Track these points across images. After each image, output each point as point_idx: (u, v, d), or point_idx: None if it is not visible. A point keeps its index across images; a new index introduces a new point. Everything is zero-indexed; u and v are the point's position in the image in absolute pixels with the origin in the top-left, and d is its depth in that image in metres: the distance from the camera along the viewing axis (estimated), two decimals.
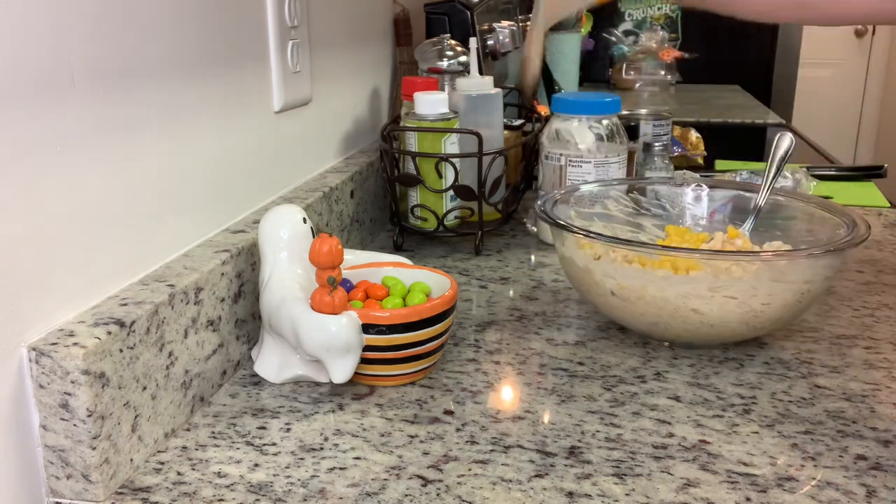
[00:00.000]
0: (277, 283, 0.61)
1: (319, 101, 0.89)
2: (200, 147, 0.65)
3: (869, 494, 0.50)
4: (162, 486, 0.51)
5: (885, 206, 1.15)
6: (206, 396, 0.61)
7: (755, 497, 0.49)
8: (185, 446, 0.55)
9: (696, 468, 0.52)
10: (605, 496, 0.50)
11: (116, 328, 0.49)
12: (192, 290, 0.58)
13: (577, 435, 0.56)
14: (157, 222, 0.59)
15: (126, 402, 0.51)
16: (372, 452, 0.54)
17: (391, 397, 0.62)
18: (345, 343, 0.58)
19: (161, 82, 0.59)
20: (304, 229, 0.63)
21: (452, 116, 0.91)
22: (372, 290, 0.66)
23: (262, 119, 0.76)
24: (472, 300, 0.80)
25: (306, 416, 0.59)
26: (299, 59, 0.81)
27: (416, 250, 0.94)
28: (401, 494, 0.50)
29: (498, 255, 0.93)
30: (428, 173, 0.90)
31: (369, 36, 1.07)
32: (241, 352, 0.66)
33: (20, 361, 0.47)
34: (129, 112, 0.55)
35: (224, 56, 0.68)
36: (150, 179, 0.58)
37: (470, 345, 0.70)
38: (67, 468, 0.49)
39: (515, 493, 0.50)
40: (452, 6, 1.23)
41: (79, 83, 0.50)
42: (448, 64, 1.06)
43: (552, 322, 0.75)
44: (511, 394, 0.62)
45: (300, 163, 0.85)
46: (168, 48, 0.59)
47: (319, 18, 0.87)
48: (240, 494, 0.50)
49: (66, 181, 0.50)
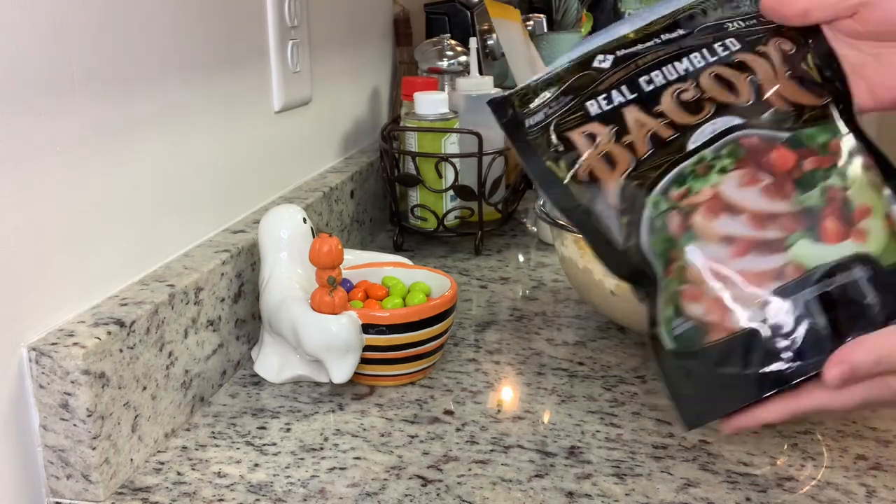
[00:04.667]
0: (277, 283, 0.61)
1: (319, 101, 0.89)
2: (200, 147, 0.65)
3: (869, 494, 0.50)
4: (162, 486, 0.51)
5: None
6: (206, 396, 0.61)
7: (755, 497, 0.49)
8: (185, 446, 0.55)
9: (696, 468, 0.52)
10: (605, 496, 0.50)
11: (116, 328, 0.49)
12: (192, 290, 0.58)
13: (577, 435, 0.56)
14: (157, 222, 0.59)
15: (126, 402, 0.51)
16: (372, 452, 0.54)
17: (391, 397, 0.62)
18: (345, 343, 0.58)
19: (161, 82, 0.59)
20: (304, 229, 0.63)
21: (452, 116, 0.91)
22: (372, 290, 0.66)
23: (262, 119, 0.76)
24: (472, 300, 0.80)
25: (306, 416, 0.59)
26: (299, 59, 0.81)
27: (416, 250, 0.94)
28: (401, 494, 0.50)
29: (498, 255, 0.93)
30: (428, 173, 0.90)
31: (369, 36, 1.07)
32: (241, 352, 0.66)
33: (20, 361, 0.47)
34: (129, 112, 0.55)
35: (224, 56, 0.68)
36: (150, 179, 0.58)
37: (470, 345, 0.70)
38: (67, 468, 0.49)
39: (515, 493, 0.50)
40: (452, 6, 1.23)
41: (79, 83, 0.50)
42: (448, 64, 1.06)
43: (552, 322, 0.75)
44: (511, 394, 0.62)
45: (300, 163, 0.85)
46: (168, 48, 0.59)
47: (319, 18, 0.87)
48: (240, 494, 0.50)
49: (66, 181, 0.50)
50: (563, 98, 0.55)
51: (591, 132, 0.53)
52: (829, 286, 0.47)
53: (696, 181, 0.51)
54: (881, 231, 0.47)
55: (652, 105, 0.53)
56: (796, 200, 0.49)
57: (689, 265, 0.50)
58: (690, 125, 0.52)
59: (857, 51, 0.52)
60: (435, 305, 0.62)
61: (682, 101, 0.53)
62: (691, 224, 0.50)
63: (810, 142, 0.50)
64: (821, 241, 0.48)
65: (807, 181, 0.49)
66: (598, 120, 0.54)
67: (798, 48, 0.53)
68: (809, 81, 0.53)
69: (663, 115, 0.52)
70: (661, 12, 0.56)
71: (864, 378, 0.44)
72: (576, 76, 0.55)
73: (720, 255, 0.49)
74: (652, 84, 0.53)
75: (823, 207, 0.48)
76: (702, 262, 0.49)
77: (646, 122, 0.52)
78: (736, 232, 0.49)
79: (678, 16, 0.55)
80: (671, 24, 0.55)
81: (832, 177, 0.49)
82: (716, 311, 0.48)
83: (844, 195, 0.48)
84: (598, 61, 0.55)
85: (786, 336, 0.47)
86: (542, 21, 1.32)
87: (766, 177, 0.49)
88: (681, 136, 0.52)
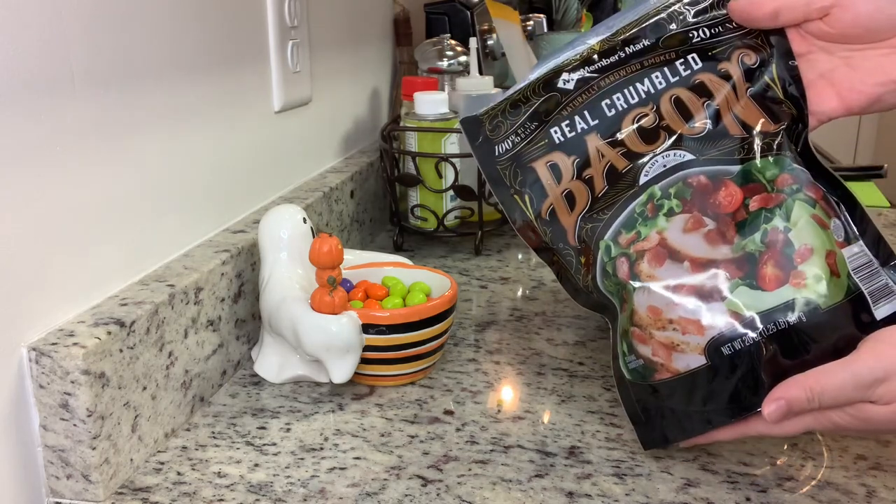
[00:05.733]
0: (277, 283, 0.61)
1: (319, 101, 0.89)
2: (200, 147, 0.65)
3: (869, 494, 0.50)
4: (162, 486, 0.51)
5: (886, 206, 1.15)
6: (206, 396, 0.61)
7: (755, 497, 0.49)
8: (185, 446, 0.55)
9: (696, 468, 0.52)
10: (605, 496, 0.50)
11: (116, 328, 0.49)
12: (192, 290, 0.58)
13: (577, 435, 0.56)
14: (157, 222, 0.59)
15: (126, 402, 0.51)
16: (372, 452, 0.54)
17: (391, 397, 0.62)
18: (345, 343, 0.58)
19: (161, 82, 0.59)
20: (304, 229, 0.63)
21: (452, 116, 0.91)
22: (372, 290, 0.66)
23: (262, 119, 0.76)
24: (472, 300, 0.80)
25: (306, 416, 0.59)
26: (299, 59, 0.81)
27: (416, 250, 0.94)
28: (401, 494, 0.50)
29: (498, 255, 0.93)
30: (428, 173, 0.90)
31: (369, 36, 1.07)
32: (241, 352, 0.66)
33: (20, 361, 0.47)
34: (128, 112, 0.55)
35: (224, 56, 0.68)
36: (150, 179, 0.58)
37: (470, 345, 0.70)
38: (67, 468, 0.49)
39: (515, 493, 0.50)
40: (452, 6, 1.23)
41: (79, 83, 0.50)
42: (448, 64, 1.06)
43: (552, 322, 0.75)
44: (511, 394, 0.62)
45: (300, 163, 0.85)
46: (168, 48, 0.59)
47: (319, 18, 0.87)
48: (240, 494, 0.50)
49: (66, 181, 0.50)
50: (529, 124, 0.56)
51: (554, 162, 0.55)
52: (766, 332, 0.48)
53: (644, 225, 0.52)
54: (821, 272, 0.49)
55: (613, 131, 0.55)
56: (737, 246, 0.50)
57: (637, 310, 0.52)
58: (645, 153, 0.53)
59: (827, 54, 0.52)
60: (435, 305, 0.62)
61: (640, 129, 0.54)
62: (639, 272, 0.52)
63: (759, 175, 0.51)
64: (759, 287, 0.49)
65: (750, 224, 0.50)
66: (561, 149, 0.55)
67: (761, 62, 0.53)
68: (770, 99, 0.53)
69: (622, 143, 0.54)
70: (629, 18, 0.56)
71: (801, 413, 0.46)
72: (542, 98, 0.56)
73: (663, 302, 0.51)
74: (613, 108, 0.55)
75: (763, 252, 0.49)
76: (647, 309, 0.51)
77: (605, 153, 0.54)
78: (678, 279, 0.50)
79: (644, 22, 0.55)
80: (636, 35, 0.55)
81: (775, 218, 0.50)
82: (661, 353, 0.51)
83: (786, 237, 0.49)
84: (562, 81, 0.56)
85: (726, 377, 0.49)
86: (542, 21, 1.32)
87: (709, 221, 0.51)
88: (634, 166, 0.53)
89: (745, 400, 0.48)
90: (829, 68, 0.52)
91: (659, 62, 0.54)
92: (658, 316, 0.50)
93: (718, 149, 0.52)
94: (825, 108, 0.52)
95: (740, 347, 0.48)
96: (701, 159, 0.52)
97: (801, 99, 0.52)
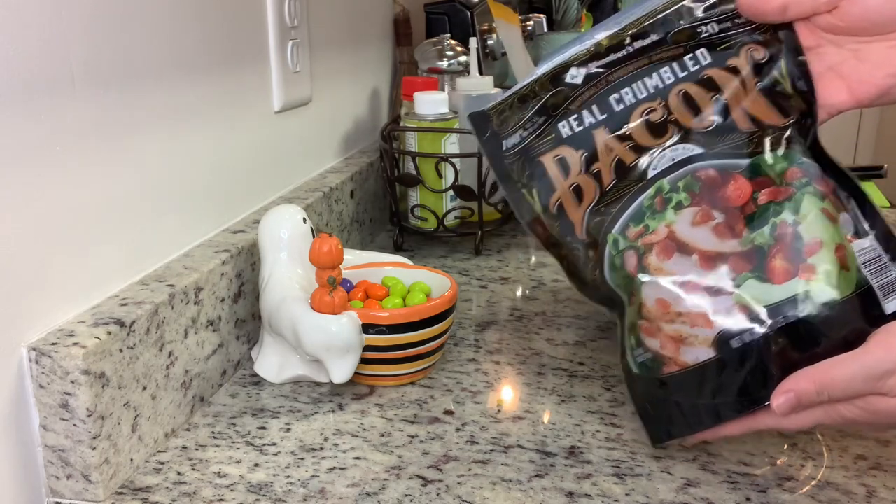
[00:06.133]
0: (277, 283, 0.61)
1: (319, 101, 0.89)
2: (200, 147, 0.65)
3: (869, 494, 0.50)
4: (162, 486, 0.51)
5: (886, 206, 1.15)
6: (206, 396, 0.61)
7: (755, 497, 0.49)
8: (185, 446, 0.55)
9: (696, 468, 0.52)
10: (605, 496, 0.50)
11: (116, 328, 0.49)
12: (192, 290, 0.58)
13: (577, 435, 0.56)
14: (157, 222, 0.59)
15: (126, 402, 0.51)
16: (372, 452, 0.54)
17: (391, 397, 0.62)
18: (345, 343, 0.58)
19: (161, 82, 0.59)
20: (304, 229, 0.63)
21: (452, 116, 0.91)
22: (372, 290, 0.66)
23: (262, 119, 0.76)
24: (472, 300, 0.80)
25: (306, 416, 0.59)
26: (299, 59, 0.81)
27: (416, 250, 0.94)
28: (401, 494, 0.50)
29: (498, 255, 0.93)
30: (428, 173, 0.90)
31: (369, 36, 1.07)
32: (241, 352, 0.66)
33: (20, 361, 0.47)
34: (128, 112, 0.55)
35: (224, 56, 0.68)
36: (150, 179, 0.58)
37: (470, 345, 0.70)
38: (67, 468, 0.49)
39: (515, 493, 0.50)
40: (452, 6, 1.23)
41: (79, 83, 0.50)
42: (448, 64, 1.06)
43: (552, 322, 0.75)
44: (511, 394, 0.62)
45: (300, 163, 0.85)
46: (168, 48, 0.59)
47: (319, 18, 0.87)
48: (240, 494, 0.50)
49: (66, 181, 0.50)
50: (537, 118, 0.56)
51: (562, 156, 0.55)
52: (775, 325, 0.48)
53: (652, 219, 0.52)
54: (831, 265, 0.48)
55: (621, 125, 0.54)
56: (746, 239, 0.50)
57: (645, 303, 0.51)
58: (653, 147, 0.53)
59: (836, 47, 0.52)
60: (435, 305, 0.62)
61: (649, 123, 0.53)
62: (647, 265, 0.52)
63: (769, 170, 0.51)
64: (768, 280, 0.49)
65: (759, 217, 0.50)
66: (569, 143, 0.55)
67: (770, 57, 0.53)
68: (779, 94, 0.53)
69: (630, 137, 0.54)
70: (637, 14, 0.56)
71: (810, 406, 0.47)
72: (550, 93, 0.56)
73: (672, 296, 0.50)
74: (622, 103, 0.55)
75: (772, 246, 0.49)
76: (655, 302, 0.51)
77: (613, 147, 0.54)
78: (687, 273, 0.50)
79: (652, 18, 0.55)
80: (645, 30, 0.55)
81: (784, 211, 0.50)
82: (669, 347, 0.50)
83: (795, 230, 0.49)
84: (570, 76, 0.56)
85: (735, 371, 0.49)
86: (542, 21, 1.32)
87: (718, 214, 0.51)
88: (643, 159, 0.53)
89: (754, 393, 0.48)
90: (838, 61, 0.52)
91: (667, 57, 0.54)
92: (667, 309, 0.50)
93: (727, 143, 0.52)
94: (835, 101, 0.52)
95: (749, 340, 0.48)
96: (710, 153, 0.52)
97: (811, 94, 0.52)
